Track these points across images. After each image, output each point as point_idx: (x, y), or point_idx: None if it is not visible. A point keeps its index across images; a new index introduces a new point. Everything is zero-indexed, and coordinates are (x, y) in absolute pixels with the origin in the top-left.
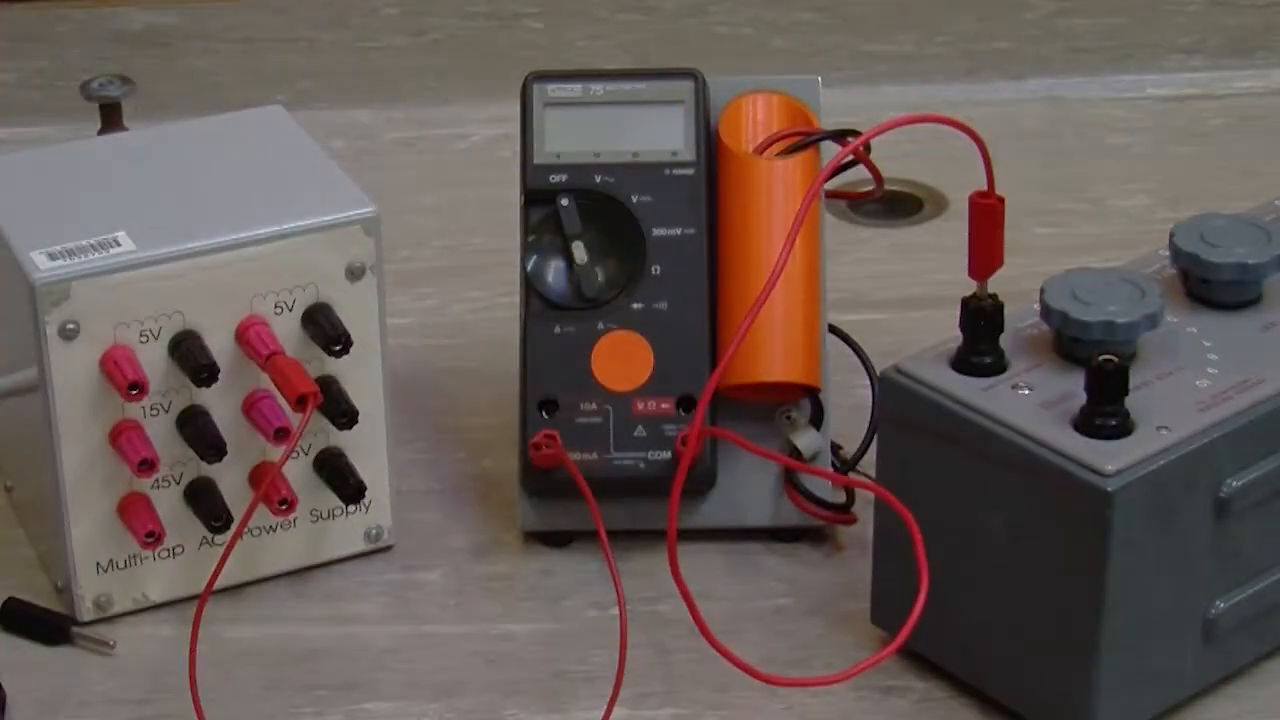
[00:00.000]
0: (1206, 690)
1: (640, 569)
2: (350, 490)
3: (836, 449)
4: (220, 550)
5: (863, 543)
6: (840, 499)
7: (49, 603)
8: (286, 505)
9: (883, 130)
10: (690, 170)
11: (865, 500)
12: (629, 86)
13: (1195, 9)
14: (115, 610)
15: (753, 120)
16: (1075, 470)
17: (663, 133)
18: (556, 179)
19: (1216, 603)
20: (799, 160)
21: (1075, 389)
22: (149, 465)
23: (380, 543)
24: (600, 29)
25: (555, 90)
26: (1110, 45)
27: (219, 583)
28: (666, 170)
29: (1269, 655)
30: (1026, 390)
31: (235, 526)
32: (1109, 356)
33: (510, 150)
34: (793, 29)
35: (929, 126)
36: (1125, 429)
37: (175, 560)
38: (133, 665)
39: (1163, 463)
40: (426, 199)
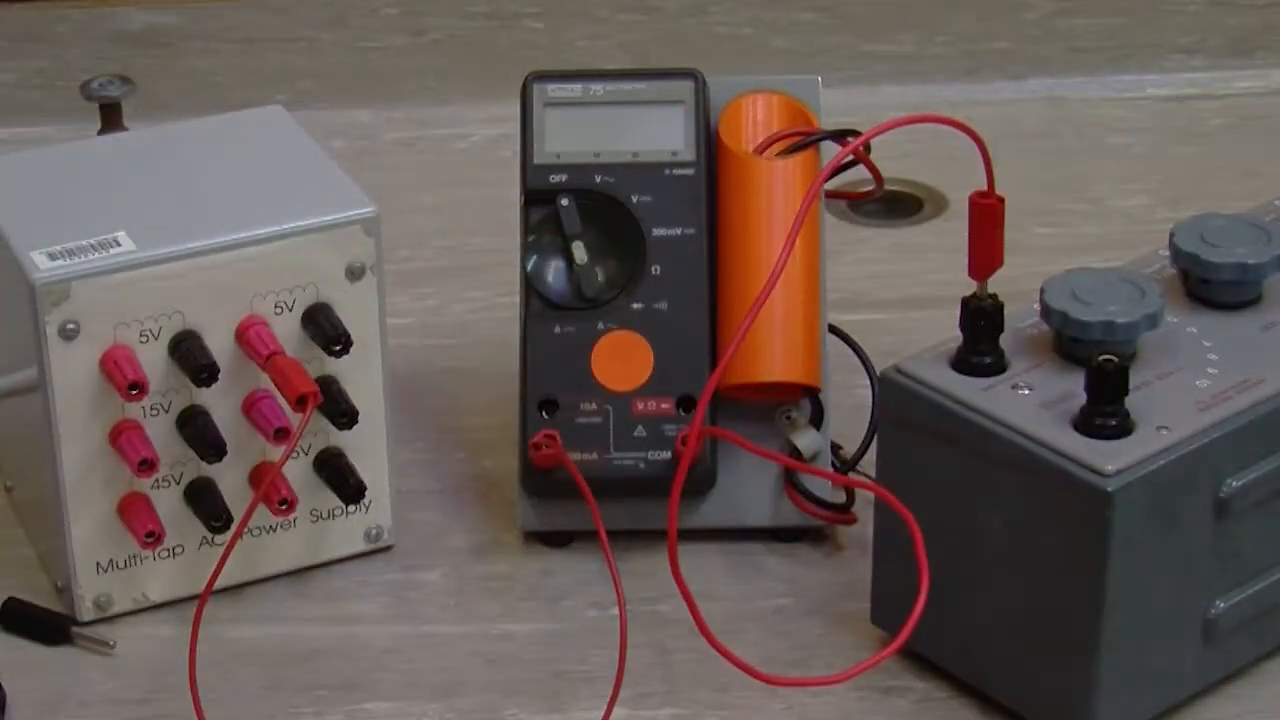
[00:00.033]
0: (1206, 690)
1: (640, 569)
2: (350, 490)
3: (836, 449)
4: (220, 550)
5: (863, 543)
6: (840, 499)
7: (49, 603)
8: (286, 505)
9: (883, 130)
10: (690, 170)
11: (865, 500)
12: (629, 86)
13: (1195, 9)
14: (115, 610)
15: (753, 120)
16: (1075, 470)
17: (663, 133)
18: (556, 179)
19: (1216, 603)
20: (799, 160)
21: (1075, 389)
22: (149, 465)
23: (380, 543)
24: (600, 29)
25: (555, 90)
26: (1110, 45)
27: (219, 583)
28: (666, 170)
29: (1269, 655)
30: (1026, 390)
31: (235, 526)
32: (1109, 356)
33: (510, 150)
34: (793, 29)
35: (929, 126)
36: (1125, 429)
37: (175, 560)
38: (133, 665)
39: (1163, 463)
40: (426, 199)
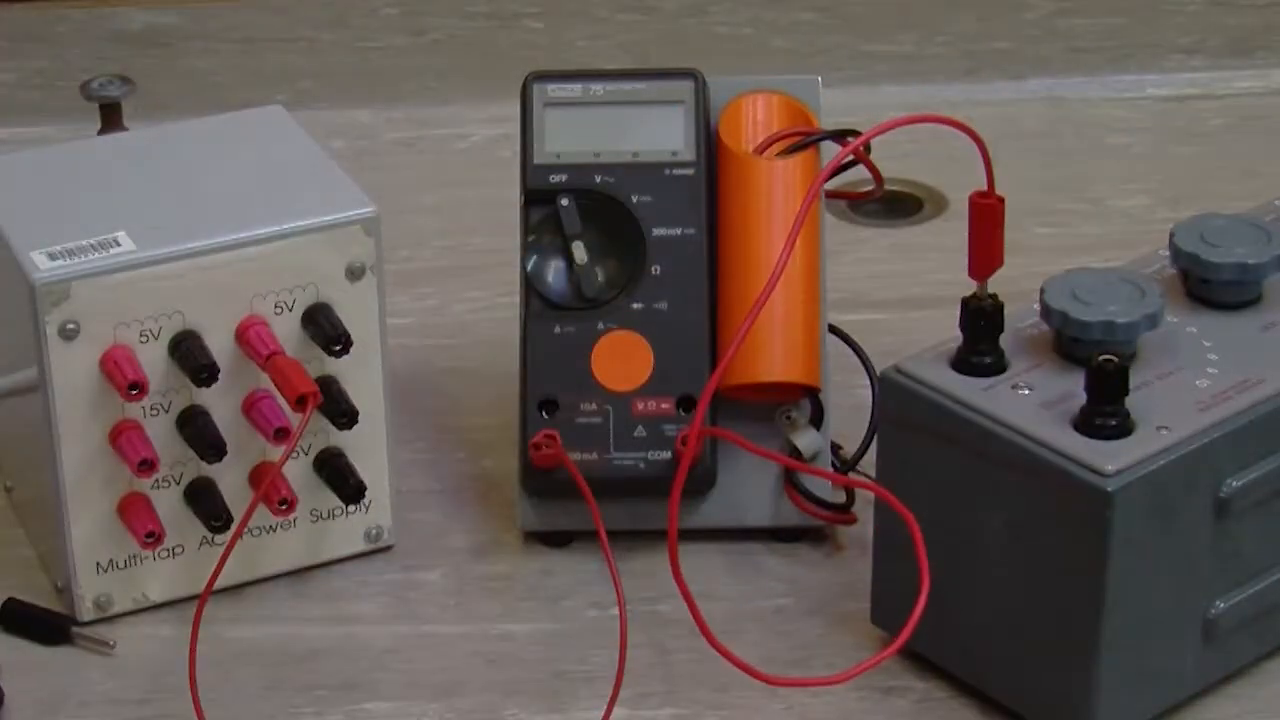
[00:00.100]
0: (1206, 690)
1: (640, 569)
2: (350, 490)
3: (836, 449)
4: (220, 550)
5: (863, 543)
6: (840, 499)
7: (49, 603)
8: (286, 505)
9: (883, 130)
10: (690, 170)
11: (865, 500)
12: (629, 86)
13: (1195, 9)
14: (115, 610)
15: (753, 120)
16: (1075, 470)
17: (663, 133)
18: (556, 179)
19: (1216, 603)
20: (799, 160)
21: (1075, 389)
22: (149, 465)
23: (380, 543)
24: (600, 29)
25: (555, 90)
26: (1110, 45)
27: (219, 583)
28: (666, 170)
29: (1269, 655)
30: (1026, 390)
31: (235, 526)
32: (1109, 356)
33: (510, 150)
34: (793, 29)
35: (929, 126)
36: (1125, 429)
37: (175, 560)
38: (133, 665)
39: (1163, 463)
40: (426, 199)
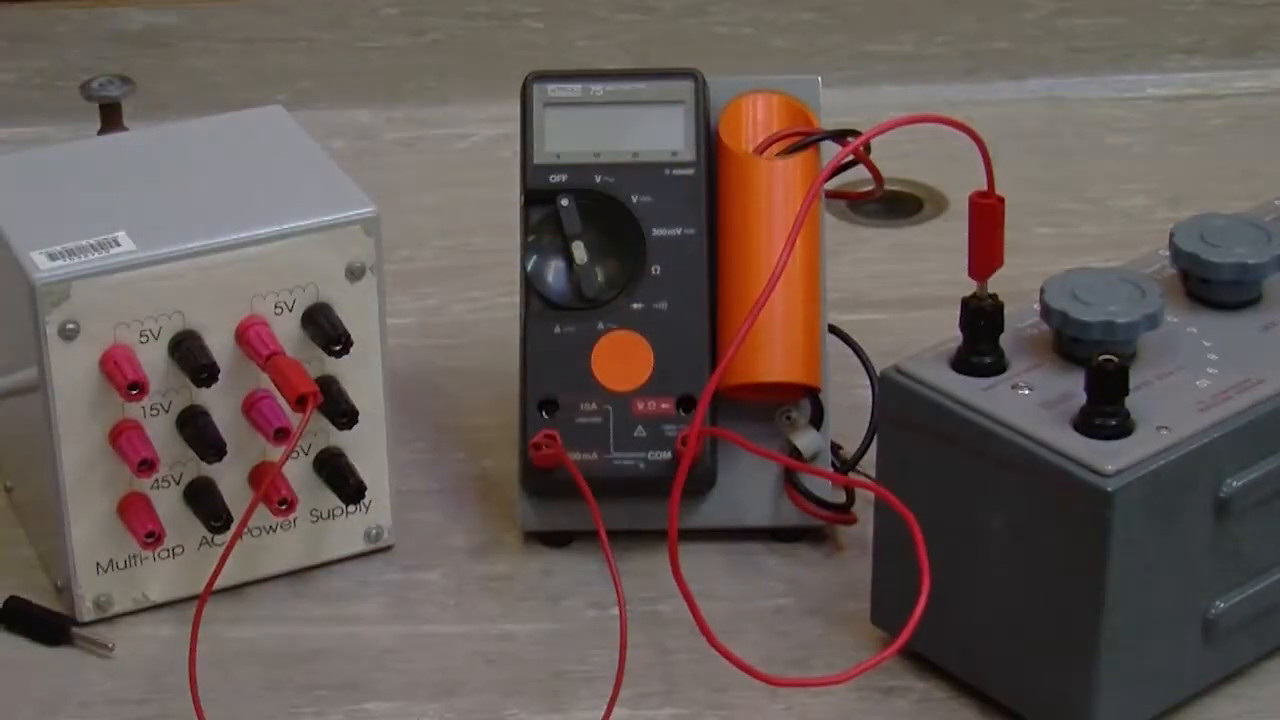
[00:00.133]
0: (1206, 690)
1: (640, 569)
2: (350, 490)
3: (836, 449)
4: (220, 550)
5: (863, 543)
6: (840, 499)
7: (49, 603)
8: (286, 505)
9: (883, 130)
10: (690, 170)
11: (865, 500)
12: (629, 86)
13: (1195, 9)
14: (115, 610)
15: (753, 120)
16: (1075, 470)
17: (663, 133)
18: (556, 179)
19: (1216, 603)
20: (799, 160)
21: (1075, 389)
22: (149, 465)
23: (380, 543)
24: (600, 29)
25: (555, 90)
26: (1110, 45)
27: (219, 583)
28: (666, 170)
29: (1269, 655)
30: (1026, 390)
31: (235, 526)
32: (1109, 356)
33: (510, 150)
34: (793, 29)
35: (929, 126)
36: (1125, 429)
37: (175, 560)
38: (133, 665)
39: (1163, 463)
40: (426, 199)
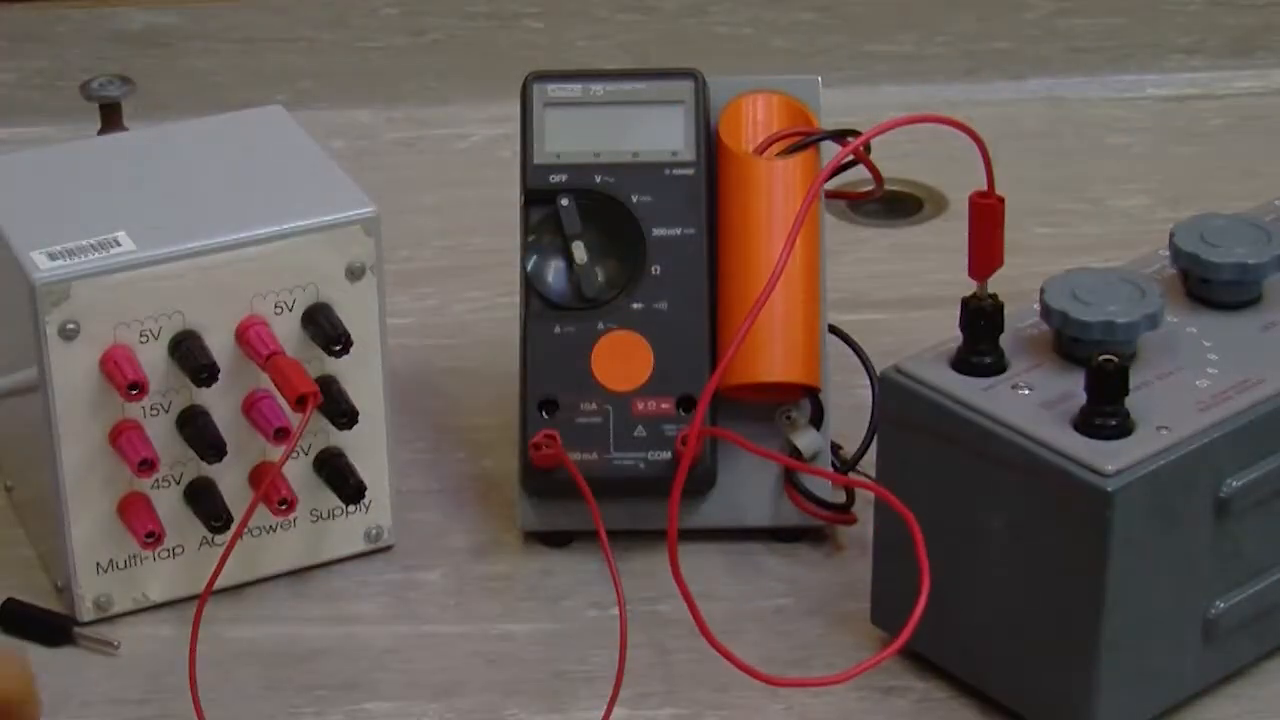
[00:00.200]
0: (1206, 690)
1: (640, 569)
2: (350, 490)
3: (836, 449)
4: (220, 550)
5: (863, 543)
6: (840, 499)
7: (49, 603)
8: (286, 505)
9: (883, 130)
10: (690, 170)
11: (865, 500)
12: (629, 86)
13: (1195, 9)
14: (115, 610)
15: (753, 120)
16: (1075, 470)
17: (663, 133)
18: (556, 179)
19: (1216, 603)
20: (799, 160)
21: (1075, 389)
22: (149, 465)
23: (380, 543)
24: (600, 29)
25: (555, 90)
26: (1110, 45)
27: (219, 583)
28: (666, 170)
29: (1269, 655)
30: (1026, 390)
31: (235, 526)
32: (1109, 356)
33: (510, 150)
34: (793, 29)
35: (929, 126)
36: (1125, 429)
37: (175, 560)
38: (133, 665)
39: (1163, 463)
40: (426, 199)
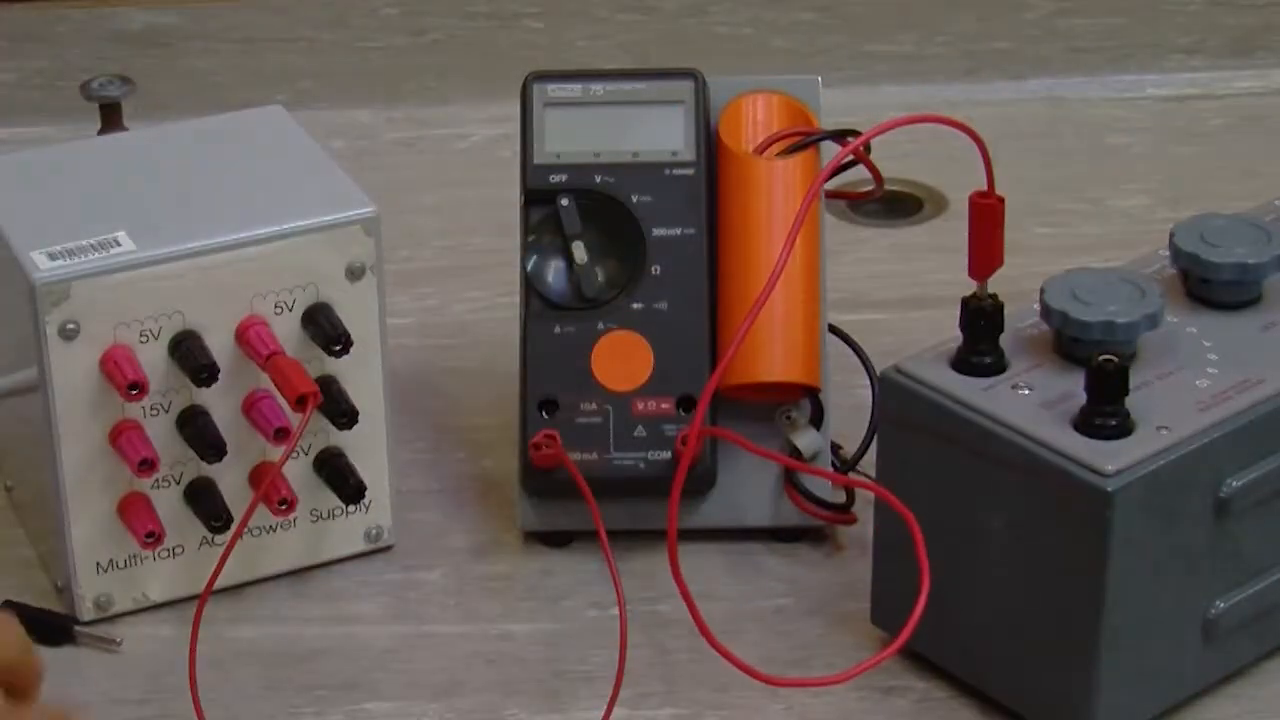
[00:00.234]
0: (1206, 690)
1: (640, 569)
2: (350, 490)
3: (836, 449)
4: (220, 550)
5: (863, 543)
6: (840, 499)
7: (49, 603)
8: (286, 505)
9: (883, 130)
10: (690, 170)
11: (865, 500)
12: (629, 86)
13: (1195, 9)
14: (115, 610)
15: (753, 120)
16: (1075, 470)
17: (663, 133)
18: (556, 179)
19: (1216, 603)
20: (799, 160)
21: (1075, 389)
22: (149, 465)
23: (380, 543)
24: (600, 29)
25: (555, 90)
26: (1110, 45)
27: (219, 583)
28: (666, 170)
29: (1269, 655)
30: (1026, 390)
31: (235, 526)
32: (1109, 356)
33: (510, 150)
34: (793, 29)
35: (929, 126)
36: (1125, 429)
37: (175, 560)
38: (133, 665)
39: (1163, 463)
40: (426, 199)
